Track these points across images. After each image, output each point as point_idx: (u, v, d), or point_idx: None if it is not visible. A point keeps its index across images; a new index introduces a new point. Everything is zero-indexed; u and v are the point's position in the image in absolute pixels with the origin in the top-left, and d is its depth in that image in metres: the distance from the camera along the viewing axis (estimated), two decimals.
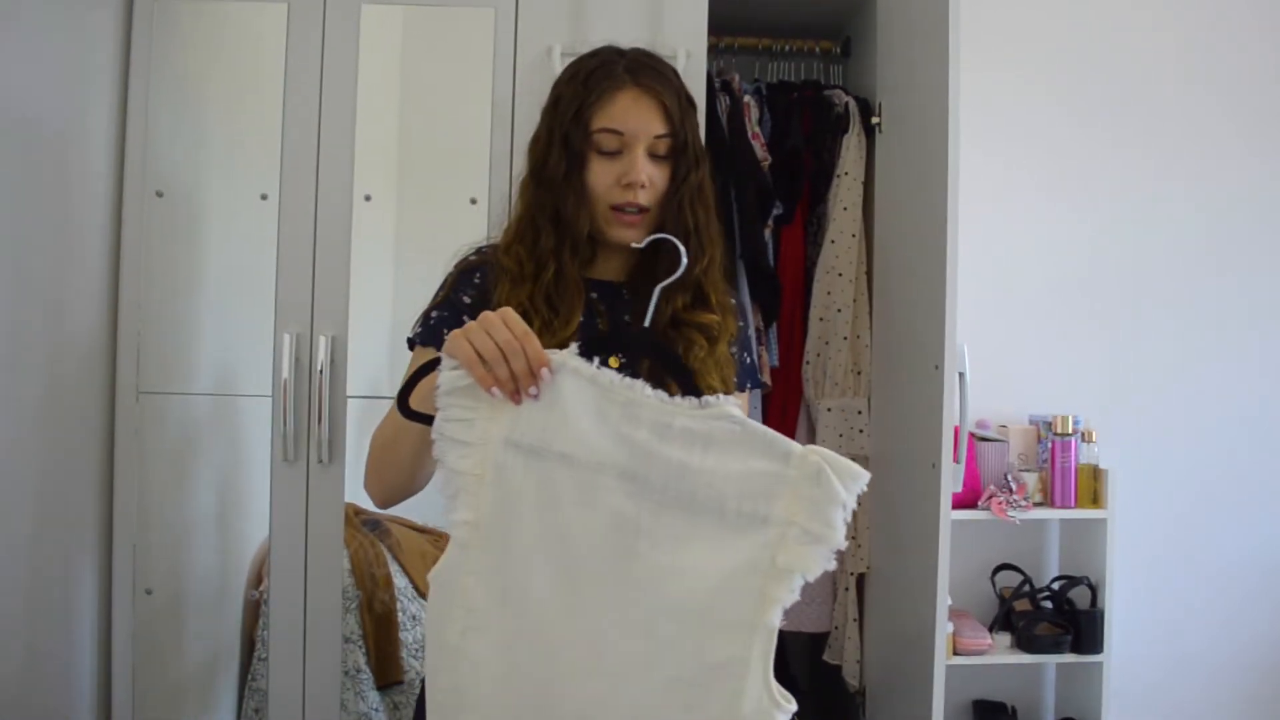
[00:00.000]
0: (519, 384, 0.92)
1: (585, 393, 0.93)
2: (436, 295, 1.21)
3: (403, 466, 1.10)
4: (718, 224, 1.23)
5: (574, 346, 0.94)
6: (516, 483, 0.92)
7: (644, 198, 1.15)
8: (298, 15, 1.88)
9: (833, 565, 0.89)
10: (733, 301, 1.25)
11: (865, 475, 0.89)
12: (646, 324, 1.02)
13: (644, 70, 1.16)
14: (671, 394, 0.94)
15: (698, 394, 0.94)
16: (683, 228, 1.15)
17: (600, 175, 1.15)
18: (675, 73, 1.20)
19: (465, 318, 1.13)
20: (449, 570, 0.94)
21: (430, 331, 1.16)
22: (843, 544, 0.89)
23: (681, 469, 0.91)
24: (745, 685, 0.89)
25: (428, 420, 0.95)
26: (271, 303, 1.87)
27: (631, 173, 1.13)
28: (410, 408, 0.98)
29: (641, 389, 0.93)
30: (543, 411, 0.93)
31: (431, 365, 0.97)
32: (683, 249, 1.07)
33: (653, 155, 1.15)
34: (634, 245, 1.14)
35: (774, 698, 0.90)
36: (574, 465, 0.92)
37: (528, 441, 0.92)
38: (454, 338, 0.93)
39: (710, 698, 0.90)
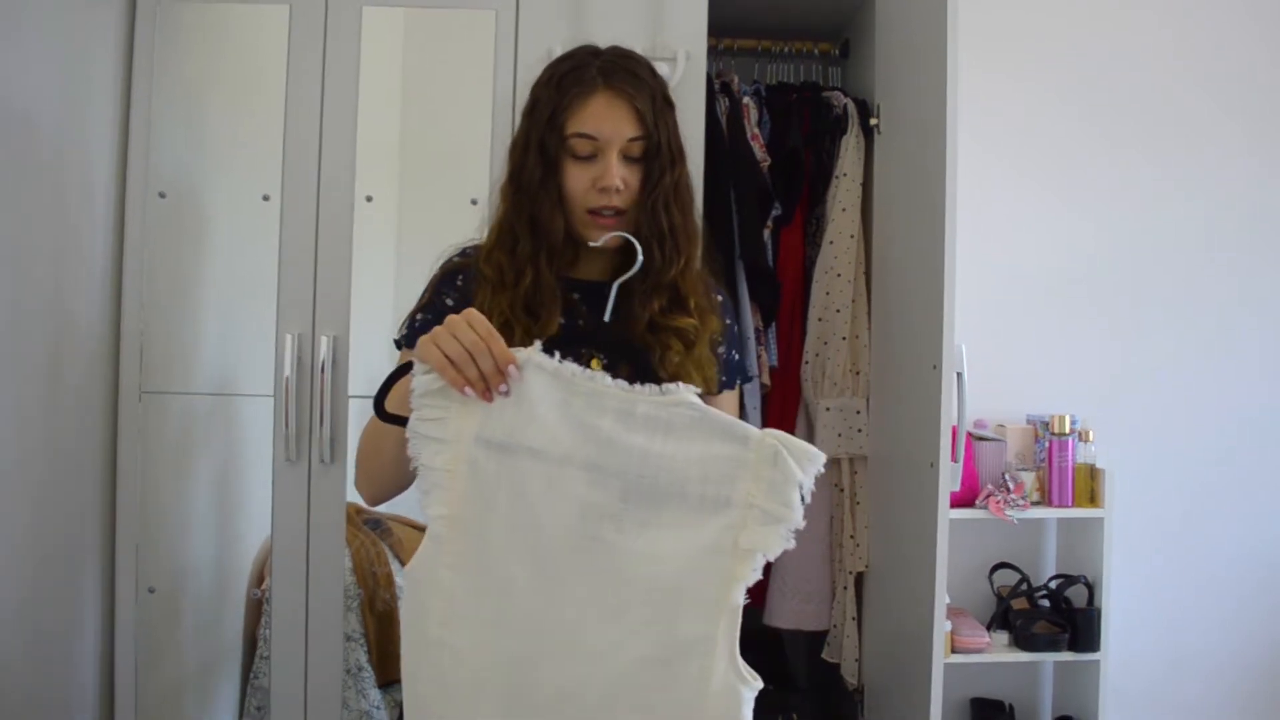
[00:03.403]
0: (489, 383, 0.95)
1: (550, 388, 0.96)
2: (421, 297, 1.23)
3: (387, 467, 1.12)
4: (696, 224, 1.23)
5: (537, 344, 0.98)
6: (489, 477, 0.96)
7: (619, 200, 1.15)
8: (299, 17, 1.89)
9: (792, 544, 0.93)
10: (718, 299, 1.25)
11: (821, 456, 0.93)
12: (606, 319, 1.06)
13: (617, 72, 1.16)
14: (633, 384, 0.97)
15: (657, 381, 0.97)
16: (658, 229, 1.15)
17: (576, 179, 1.15)
18: (652, 71, 1.20)
19: None
20: (425, 564, 0.97)
21: (415, 334, 1.17)
22: (800, 523, 0.93)
23: (644, 455, 0.95)
24: (713, 663, 0.94)
25: (403, 422, 0.99)
26: (273, 303, 1.88)
27: (605, 177, 1.14)
28: (387, 411, 1.02)
29: (602, 379, 0.97)
30: (511, 408, 0.96)
31: (403, 370, 1.01)
32: (638, 246, 1.10)
33: (627, 157, 1.15)
34: (591, 244, 1.16)
35: (740, 674, 0.95)
36: (542, 459, 0.96)
37: (498, 438, 0.96)
38: (423, 343, 0.97)
39: (680, 675, 0.94)
